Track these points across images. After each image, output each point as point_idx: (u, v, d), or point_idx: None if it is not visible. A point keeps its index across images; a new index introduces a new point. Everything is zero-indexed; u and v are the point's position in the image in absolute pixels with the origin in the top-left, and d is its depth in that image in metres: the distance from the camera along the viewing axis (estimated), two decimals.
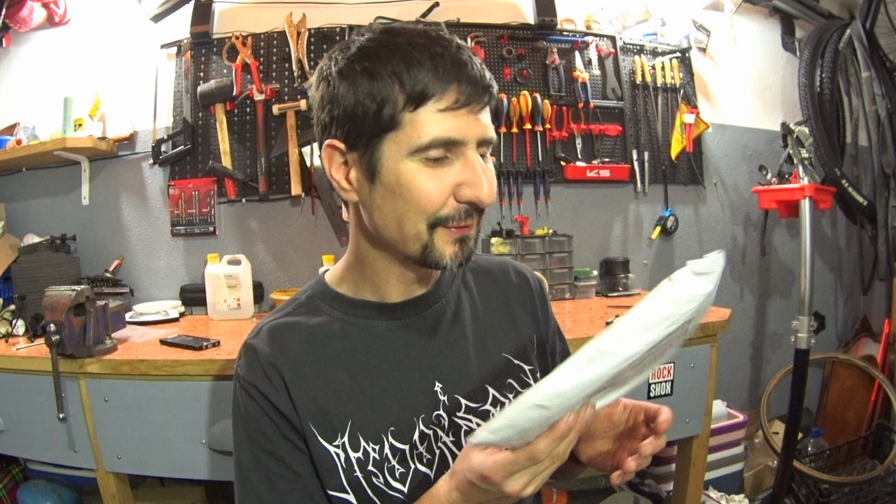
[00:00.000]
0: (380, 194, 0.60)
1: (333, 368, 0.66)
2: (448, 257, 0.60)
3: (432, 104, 0.56)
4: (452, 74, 0.56)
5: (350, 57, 0.58)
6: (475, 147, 0.59)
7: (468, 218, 0.60)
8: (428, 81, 0.55)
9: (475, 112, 0.57)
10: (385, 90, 0.56)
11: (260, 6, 1.93)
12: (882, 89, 2.16)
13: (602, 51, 2.07)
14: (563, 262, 1.94)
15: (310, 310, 0.70)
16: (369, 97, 0.56)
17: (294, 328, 0.68)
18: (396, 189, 0.58)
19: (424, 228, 0.59)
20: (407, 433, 0.65)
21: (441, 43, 0.57)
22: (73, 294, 1.21)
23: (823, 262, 2.46)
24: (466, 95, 0.56)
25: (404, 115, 0.56)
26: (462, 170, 0.58)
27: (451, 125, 0.56)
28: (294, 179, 1.87)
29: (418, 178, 0.57)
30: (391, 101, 0.56)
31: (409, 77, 0.55)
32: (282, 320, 0.69)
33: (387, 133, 0.57)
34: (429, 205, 0.58)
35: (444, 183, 0.58)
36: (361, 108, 0.57)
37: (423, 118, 0.56)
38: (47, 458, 1.42)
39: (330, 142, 0.61)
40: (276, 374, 0.64)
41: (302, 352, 0.66)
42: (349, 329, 0.68)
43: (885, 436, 2.01)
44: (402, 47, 0.56)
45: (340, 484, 0.63)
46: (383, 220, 0.61)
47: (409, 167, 0.57)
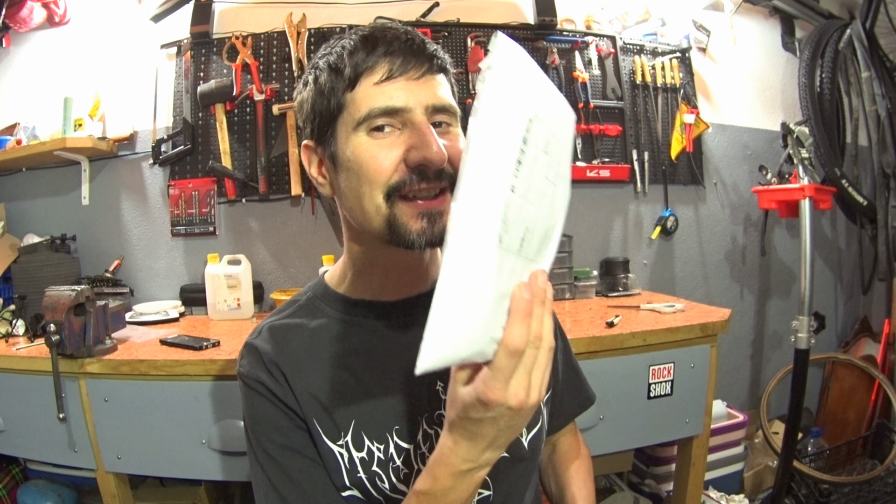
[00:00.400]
0: (342, 178, 0.62)
1: (335, 369, 0.66)
2: (414, 232, 0.59)
3: (366, 80, 0.59)
4: (382, 48, 0.58)
5: (311, 65, 0.65)
6: (423, 113, 0.58)
7: (423, 182, 0.58)
8: (359, 61, 0.59)
9: (415, 79, 0.59)
10: (329, 82, 0.60)
11: (260, 6, 1.93)
12: (882, 89, 2.16)
13: (602, 51, 2.07)
14: (563, 262, 1.93)
15: (310, 311, 0.70)
16: (320, 93, 0.61)
17: (295, 329, 0.68)
18: (351, 166, 0.60)
19: (382, 201, 0.59)
20: (411, 433, 0.65)
21: (382, 30, 0.60)
22: (73, 294, 1.21)
23: (823, 262, 2.46)
24: (399, 64, 0.58)
25: (346, 97, 0.60)
26: (410, 136, 0.58)
27: (389, 94, 0.58)
28: (294, 179, 1.87)
29: (366, 149, 0.59)
30: (335, 90, 0.60)
31: (343, 62, 0.59)
32: (282, 321, 0.70)
33: (337, 119, 0.61)
34: (377, 173, 0.58)
35: (392, 150, 0.58)
36: (318, 105, 0.62)
37: (360, 94, 0.59)
38: (47, 458, 1.42)
39: (305, 143, 0.66)
40: (279, 371, 0.65)
41: (303, 352, 0.66)
42: (350, 330, 0.68)
43: (885, 436, 2.01)
44: (349, 40, 0.61)
45: (343, 483, 0.63)
46: (349, 202, 0.63)
47: (357, 142, 0.59)
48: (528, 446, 0.71)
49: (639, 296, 1.93)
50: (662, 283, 2.19)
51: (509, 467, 0.68)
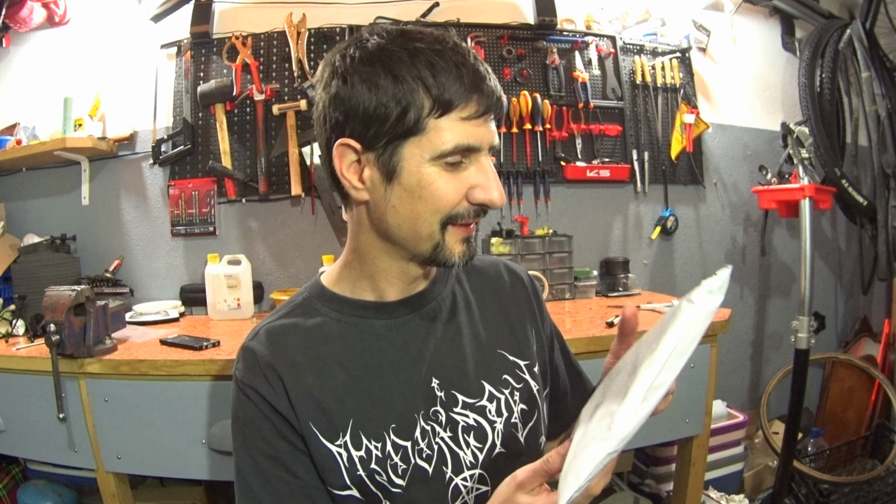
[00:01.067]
0: (397, 195, 0.61)
1: (333, 368, 0.66)
2: (457, 255, 0.64)
3: (456, 113, 0.58)
4: (476, 85, 0.58)
5: (368, 57, 0.59)
6: (487, 153, 0.62)
7: (476, 217, 0.63)
8: (455, 90, 0.57)
9: (489, 122, 0.61)
10: (410, 94, 0.57)
11: (260, 6, 1.93)
12: (882, 89, 2.16)
13: (602, 51, 2.07)
14: (563, 262, 1.94)
15: (307, 311, 0.70)
16: (393, 100, 0.57)
17: (292, 330, 0.68)
18: (416, 191, 0.60)
19: (438, 228, 0.62)
20: (408, 430, 0.66)
21: (460, 52, 0.59)
22: (73, 294, 1.21)
23: (823, 262, 2.46)
24: (485, 106, 0.59)
25: (429, 121, 0.58)
26: (476, 174, 0.61)
27: (470, 133, 0.59)
28: (294, 179, 1.87)
29: (438, 181, 0.60)
30: (416, 106, 0.57)
31: (436, 84, 0.57)
32: (279, 322, 0.70)
33: (410, 137, 0.59)
34: (446, 206, 0.61)
35: (460, 185, 0.61)
36: (384, 110, 0.58)
37: (446, 125, 0.58)
38: (47, 458, 1.42)
39: (344, 140, 0.61)
40: (275, 375, 0.65)
41: (300, 353, 0.67)
42: (347, 329, 0.68)
43: (885, 436, 2.01)
44: (426, 53, 0.57)
45: (343, 482, 0.64)
46: (398, 219, 0.62)
47: (431, 171, 0.59)
48: (524, 441, 0.71)
49: (639, 296, 1.93)
50: (662, 283, 2.19)
51: (506, 463, 0.69)
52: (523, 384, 0.73)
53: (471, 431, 0.68)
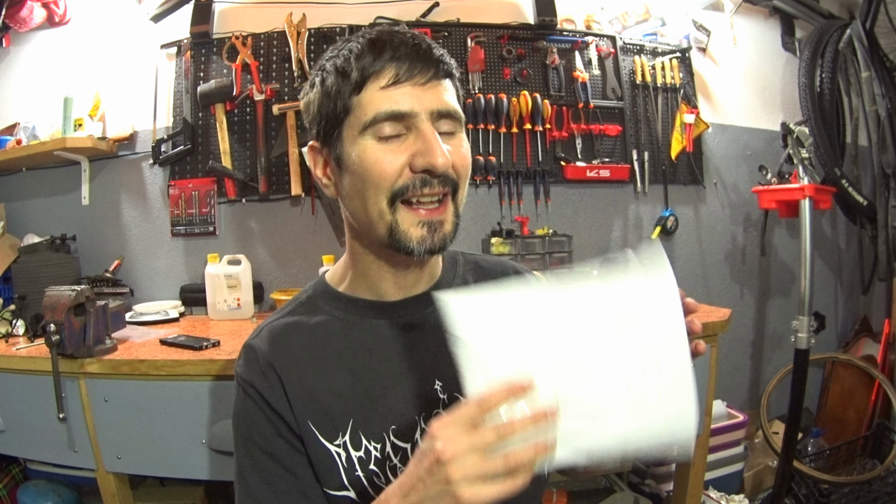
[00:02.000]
0: (347, 181, 0.63)
1: (334, 367, 0.66)
2: (414, 240, 0.60)
3: (373, 84, 0.59)
4: (389, 53, 0.59)
5: (318, 67, 0.65)
6: (428, 119, 0.59)
7: (425, 188, 0.60)
8: (366, 64, 0.59)
9: (421, 85, 0.59)
10: (336, 84, 0.61)
11: (260, 6, 1.93)
12: (882, 89, 2.16)
13: (602, 51, 2.07)
14: (563, 262, 1.93)
15: (310, 309, 0.71)
16: (326, 95, 0.62)
17: (294, 328, 0.69)
18: (357, 169, 0.60)
19: (385, 206, 0.60)
20: (409, 432, 0.65)
21: (390, 34, 0.60)
22: (73, 294, 1.21)
23: (823, 262, 2.46)
24: (406, 69, 0.58)
25: (352, 101, 0.60)
26: (415, 141, 0.59)
27: (395, 99, 0.58)
28: (294, 179, 1.87)
29: (371, 153, 0.59)
30: (341, 93, 0.60)
31: (350, 66, 0.59)
32: (283, 320, 0.70)
33: (343, 121, 0.61)
34: (382, 177, 0.59)
35: (397, 155, 0.59)
36: (325, 107, 0.62)
37: (367, 98, 0.59)
38: (47, 458, 1.42)
39: (311, 144, 0.67)
40: (274, 374, 0.65)
41: (302, 351, 0.67)
42: (349, 328, 0.68)
43: (885, 436, 2.01)
44: (349, 44, 0.61)
45: (341, 482, 0.64)
46: (353, 204, 0.63)
47: (364, 145, 0.60)
48: None
49: None
50: None
51: None
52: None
53: None
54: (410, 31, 0.62)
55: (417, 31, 0.62)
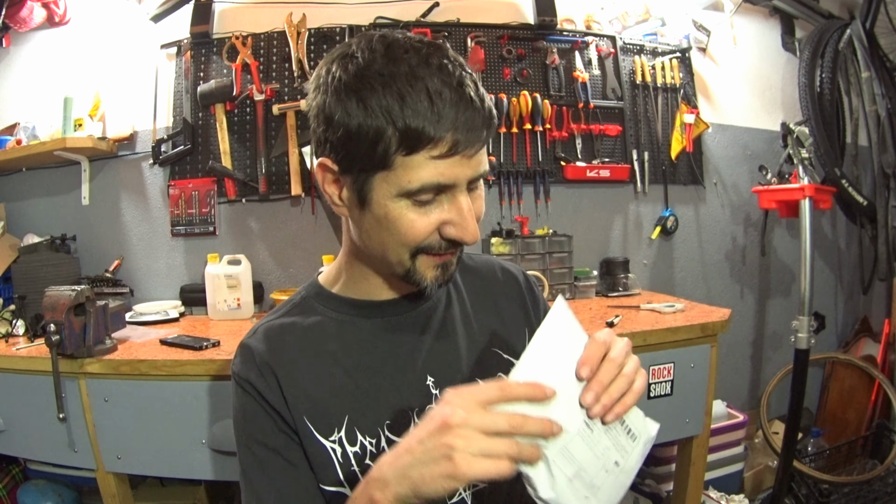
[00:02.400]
0: (368, 221, 0.61)
1: (329, 366, 0.67)
2: (429, 279, 0.63)
3: (425, 151, 0.54)
4: (450, 120, 0.53)
5: (347, 78, 0.55)
6: (465, 188, 0.58)
7: (450, 249, 0.61)
8: (424, 126, 0.53)
9: (469, 156, 0.56)
10: (379, 128, 0.54)
11: (260, 6, 1.93)
12: (882, 89, 2.16)
13: (602, 51, 2.07)
14: (563, 262, 1.94)
15: (304, 310, 0.72)
16: (362, 131, 0.54)
17: (289, 329, 0.69)
18: (384, 223, 0.59)
19: (407, 257, 0.61)
20: (403, 427, 0.65)
21: (443, 75, 0.54)
22: (73, 294, 1.21)
23: (823, 262, 2.46)
24: (462, 142, 0.54)
25: (396, 158, 0.54)
26: (449, 209, 0.58)
27: (442, 171, 0.55)
28: (294, 179, 1.87)
29: (405, 216, 0.57)
30: (384, 141, 0.54)
31: (403, 118, 0.53)
32: (278, 321, 0.71)
33: (379, 170, 0.56)
34: (412, 238, 0.59)
35: (430, 221, 0.58)
36: (356, 139, 0.55)
37: (415, 163, 0.54)
38: (47, 458, 1.42)
39: (323, 160, 0.61)
40: (270, 372, 0.66)
41: (297, 350, 0.67)
42: (343, 328, 0.69)
43: (885, 436, 2.01)
44: (400, 79, 0.53)
45: (337, 478, 0.64)
46: (370, 242, 0.63)
47: (398, 206, 0.57)
48: None
49: (639, 296, 1.93)
50: (662, 283, 2.20)
51: None
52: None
53: None
54: (462, 73, 0.56)
55: (468, 71, 0.57)
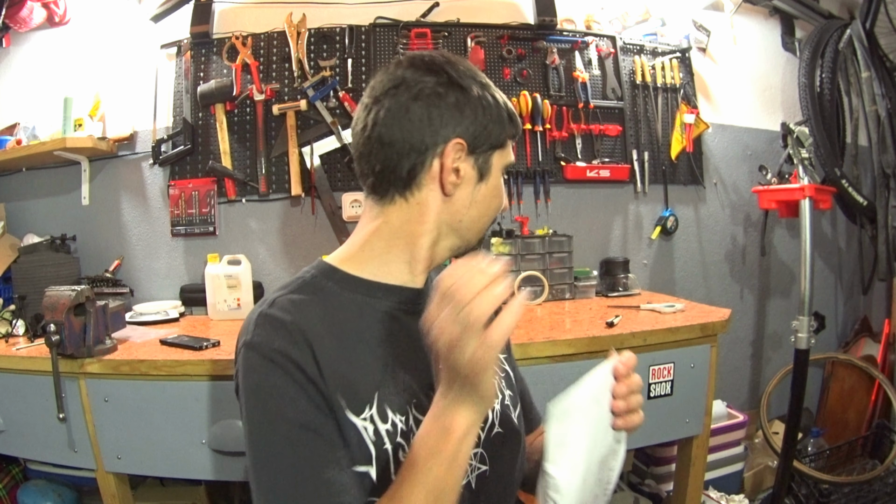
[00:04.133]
0: (482, 192, 0.72)
1: (354, 342, 0.65)
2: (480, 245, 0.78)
3: (512, 141, 0.75)
4: (517, 126, 0.76)
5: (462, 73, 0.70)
6: None
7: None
8: (516, 123, 0.75)
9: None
10: (500, 119, 0.72)
11: (260, 6, 1.93)
12: (882, 89, 2.16)
13: (602, 51, 2.07)
14: (563, 262, 1.94)
15: (318, 289, 0.69)
16: (492, 119, 0.71)
17: (308, 303, 0.66)
18: (494, 191, 0.74)
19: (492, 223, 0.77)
20: (427, 406, 0.64)
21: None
22: (73, 294, 1.21)
23: (823, 262, 2.46)
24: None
25: (506, 140, 0.74)
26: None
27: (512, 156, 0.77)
28: (294, 179, 1.87)
29: (501, 185, 0.76)
30: (504, 129, 0.72)
31: (506, 115, 0.73)
32: (290, 296, 0.67)
33: (498, 149, 0.73)
34: (503, 207, 0.78)
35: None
36: (488, 128, 0.70)
37: (509, 145, 0.75)
38: (47, 458, 1.42)
39: (457, 140, 0.69)
40: (304, 341, 0.61)
41: (320, 324, 0.64)
42: (362, 308, 0.68)
43: (885, 436, 2.01)
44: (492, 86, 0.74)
45: (368, 457, 0.61)
46: (479, 212, 0.73)
47: (500, 180, 0.75)
48: (517, 422, 0.78)
49: (639, 296, 1.93)
50: (662, 283, 2.20)
51: (502, 443, 0.73)
52: (506, 373, 0.83)
53: None
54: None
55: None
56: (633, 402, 0.70)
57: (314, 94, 1.86)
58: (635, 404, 0.70)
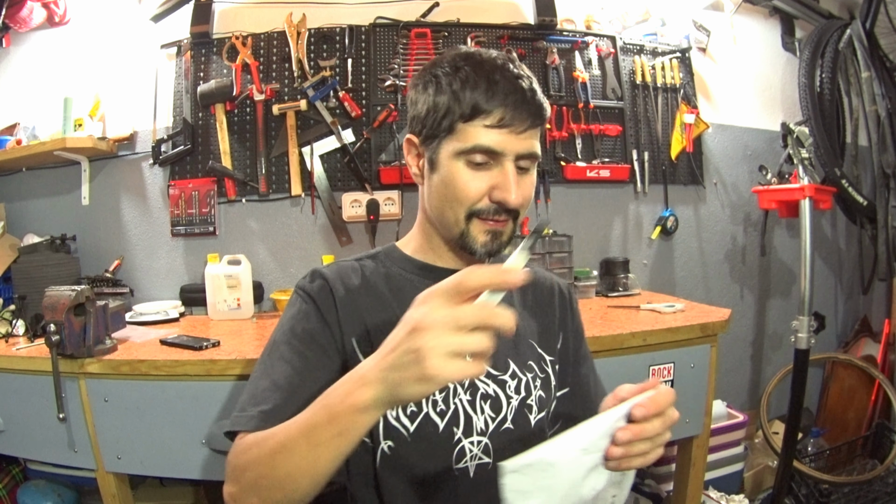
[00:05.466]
0: (435, 183, 0.74)
1: (385, 305, 0.76)
2: (479, 244, 0.73)
3: (480, 120, 0.68)
4: (500, 98, 0.68)
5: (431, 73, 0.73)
6: (513, 160, 0.70)
7: (497, 215, 0.72)
8: (479, 100, 0.68)
9: (517, 133, 0.69)
10: (447, 104, 0.70)
11: (260, 6, 1.93)
12: (882, 89, 2.16)
13: (602, 51, 2.07)
14: (563, 262, 1.93)
15: (376, 261, 0.82)
16: (436, 107, 0.71)
17: (358, 269, 0.80)
18: (447, 181, 0.72)
19: (462, 217, 0.72)
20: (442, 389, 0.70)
21: (503, 70, 0.69)
22: (73, 294, 1.21)
23: (823, 262, 2.46)
24: (509, 118, 0.68)
25: (458, 125, 0.70)
26: (498, 175, 0.70)
27: (493, 139, 0.68)
28: (294, 179, 1.87)
29: (462, 175, 0.71)
30: (451, 112, 0.69)
31: (464, 96, 0.68)
32: (350, 262, 0.81)
33: (445, 136, 0.71)
34: (466, 197, 0.71)
35: (481, 183, 0.70)
36: (432, 116, 0.71)
37: (471, 129, 0.69)
38: (47, 458, 1.42)
39: (409, 137, 0.77)
40: (329, 292, 0.75)
41: (361, 286, 0.77)
42: (403, 282, 0.79)
43: (885, 436, 2.01)
44: (468, 68, 0.69)
45: None
46: (435, 202, 0.75)
47: (457, 166, 0.71)
48: (534, 424, 0.77)
49: (639, 296, 1.93)
50: (662, 283, 2.20)
51: (512, 439, 0.74)
52: (545, 375, 0.82)
53: (488, 400, 0.74)
54: (519, 73, 0.70)
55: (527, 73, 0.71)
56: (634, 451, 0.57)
57: (314, 94, 1.86)
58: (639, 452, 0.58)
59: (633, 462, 0.58)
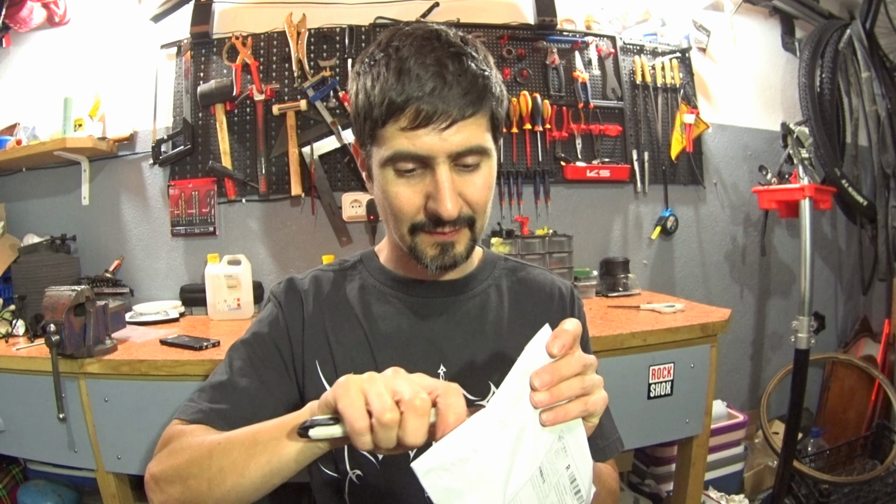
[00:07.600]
0: (376, 194, 0.67)
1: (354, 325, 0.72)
2: (429, 259, 0.65)
3: (392, 123, 0.58)
4: (411, 92, 0.56)
5: (361, 62, 0.64)
6: (445, 162, 0.59)
7: (440, 227, 0.63)
8: (389, 100, 0.57)
9: (441, 129, 0.57)
10: (364, 106, 0.61)
11: (260, 6, 1.93)
12: (882, 89, 2.16)
13: (602, 51, 2.07)
14: (563, 262, 1.94)
15: (354, 271, 0.78)
16: (357, 109, 0.63)
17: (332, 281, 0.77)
18: (380, 194, 0.65)
19: (405, 232, 0.65)
20: None
21: (423, 56, 0.57)
22: (73, 294, 1.21)
23: (823, 262, 2.46)
24: (425, 115, 0.57)
25: (377, 130, 0.60)
26: (430, 181, 0.61)
27: (413, 141, 0.58)
28: (294, 179, 1.87)
29: (393, 186, 0.62)
30: (370, 117, 0.61)
31: (375, 96, 0.59)
32: (326, 273, 0.78)
33: (371, 143, 0.63)
34: (402, 212, 0.63)
35: (415, 194, 0.62)
36: (359, 121, 0.64)
37: (388, 134, 0.59)
38: (47, 458, 1.42)
39: (353, 142, 0.75)
40: (299, 303, 0.74)
41: (329, 301, 0.74)
42: (379, 295, 0.75)
43: (885, 436, 2.01)
44: (382, 63, 0.59)
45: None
46: (381, 215, 0.70)
47: (386, 176, 0.62)
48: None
49: (639, 296, 1.93)
50: (662, 283, 2.20)
51: None
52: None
53: None
54: (446, 49, 0.58)
55: (458, 44, 0.60)
56: (560, 394, 0.48)
57: (314, 94, 1.86)
58: (567, 394, 0.48)
59: (569, 409, 0.48)
